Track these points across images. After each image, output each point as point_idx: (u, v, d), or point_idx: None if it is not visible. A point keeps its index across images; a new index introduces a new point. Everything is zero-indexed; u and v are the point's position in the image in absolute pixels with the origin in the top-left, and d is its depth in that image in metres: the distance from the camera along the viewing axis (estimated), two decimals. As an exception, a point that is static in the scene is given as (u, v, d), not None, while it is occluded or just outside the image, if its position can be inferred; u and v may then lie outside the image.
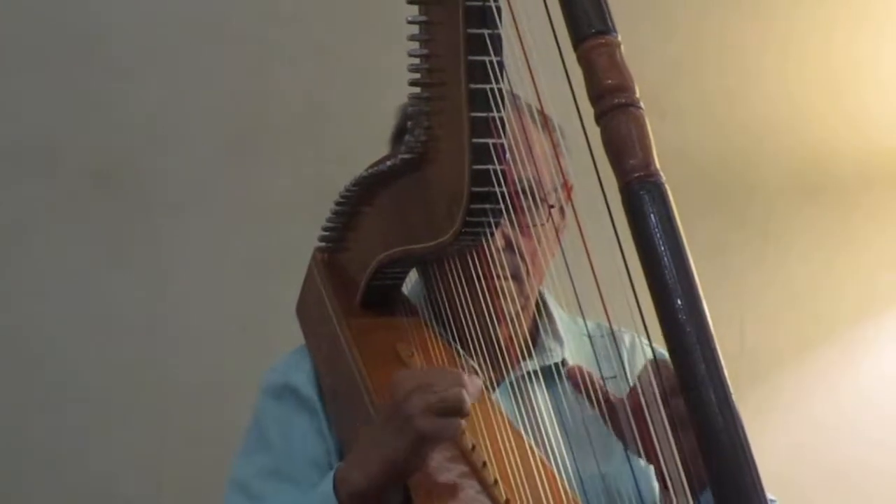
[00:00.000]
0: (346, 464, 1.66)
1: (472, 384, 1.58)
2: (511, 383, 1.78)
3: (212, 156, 2.87)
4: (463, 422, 1.58)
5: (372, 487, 1.61)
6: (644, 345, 1.89)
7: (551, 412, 1.74)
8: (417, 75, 1.61)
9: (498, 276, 1.75)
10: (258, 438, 1.87)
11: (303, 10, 2.89)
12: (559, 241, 1.81)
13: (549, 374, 1.82)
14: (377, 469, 1.60)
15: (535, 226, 1.78)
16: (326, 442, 1.83)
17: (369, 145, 1.88)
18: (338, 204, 1.86)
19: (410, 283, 1.94)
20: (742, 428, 1.15)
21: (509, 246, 1.79)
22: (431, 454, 1.62)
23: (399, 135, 1.83)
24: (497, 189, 1.55)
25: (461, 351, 1.80)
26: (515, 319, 1.82)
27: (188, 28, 2.87)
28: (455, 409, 1.56)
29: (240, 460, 1.87)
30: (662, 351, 1.19)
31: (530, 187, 1.72)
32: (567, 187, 1.84)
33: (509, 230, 1.77)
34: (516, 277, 1.82)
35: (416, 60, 1.60)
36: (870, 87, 2.96)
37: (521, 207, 1.70)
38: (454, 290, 1.75)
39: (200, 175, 2.86)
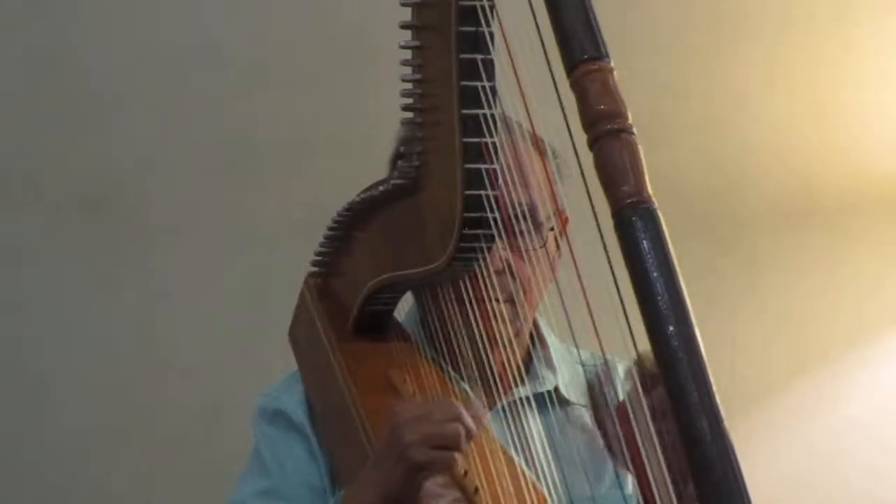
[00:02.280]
0: (347, 493, 1.67)
1: (473, 412, 1.59)
2: (503, 408, 1.78)
3: (202, 181, 2.86)
4: (457, 454, 1.59)
5: None
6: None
7: (543, 438, 1.74)
8: (410, 100, 1.61)
9: (492, 300, 1.75)
10: (256, 462, 1.88)
11: (293, 37, 2.89)
12: (553, 268, 1.81)
13: (542, 402, 1.82)
14: (373, 498, 1.61)
15: (530, 250, 1.78)
16: (319, 465, 1.83)
17: (360, 171, 1.88)
18: (330, 229, 1.86)
19: (406, 307, 1.94)
20: (734, 456, 1.14)
21: (504, 270, 1.79)
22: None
23: (398, 157, 1.83)
24: (490, 215, 1.55)
25: (453, 374, 1.80)
26: (509, 345, 1.82)
27: (177, 55, 2.87)
28: (451, 444, 1.57)
29: (239, 483, 1.88)
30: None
31: (524, 212, 1.72)
32: (563, 219, 1.84)
33: (506, 253, 1.77)
34: (510, 301, 1.82)
35: (409, 85, 1.60)
36: (857, 114, 2.96)
37: (517, 232, 1.70)
38: (448, 314, 1.75)
39: (191, 200, 2.86)
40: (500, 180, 1.55)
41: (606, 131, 1.21)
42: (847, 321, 2.94)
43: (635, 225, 1.19)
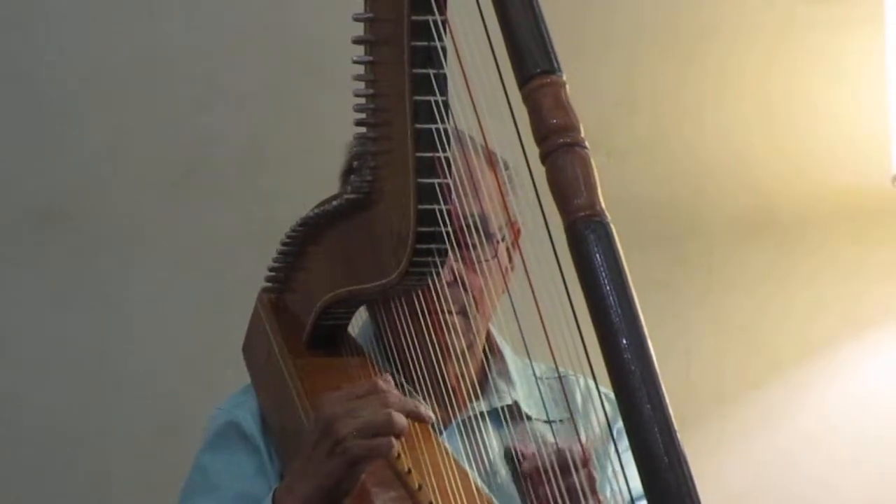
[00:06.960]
0: (280, 490, 1.67)
1: (398, 400, 1.59)
2: (459, 424, 1.78)
3: (157, 196, 2.85)
4: (394, 441, 1.59)
5: None
6: (594, 388, 1.90)
7: (500, 454, 1.74)
8: (363, 115, 1.61)
9: (444, 311, 1.75)
10: (199, 479, 1.86)
11: (246, 51, 2.88)
12: (505, 279, 1.81)
13: (498, 417, 1.82)
14: (311, 494, 1.61)
15: (482, 261, 1.78)
16: (269, 480, 1.82)
17: (314, 185, 1.88)
18: (284, 244, 1.85)
19: (360, 321, 1.94)
20: (688, 468, 1.15)
21: (456, 281, 1.79)
22: (377, 491, 1.63)
23: (349, 172, 1.83)
24: (443, 229, 1.55)
25: (408, 388, 1.79)
26: (462, 357, 1.82)
27: (132, 69, 2.85)
28: (385, 429, 1.57)
29: (182, 501, 1.86)
30: (610, 393, 1.19)
31: (475, 223, 1.73)
32: (514, 230, 1.84)
33: (457, 265, 1.78)
34: (463, 313, 1.82)
35: (362, 100, 1.60)
36: (808, 127, 2.97)
37: (469, 243, 1.71)
38: (400, 328, 1.75)
39: (146, 216, 2.84)
40: (453, 195, 1.55)
41: (559, 145, 1.21)
42: (800, 333, 2.95)
43: (588, 238, 1.19)
